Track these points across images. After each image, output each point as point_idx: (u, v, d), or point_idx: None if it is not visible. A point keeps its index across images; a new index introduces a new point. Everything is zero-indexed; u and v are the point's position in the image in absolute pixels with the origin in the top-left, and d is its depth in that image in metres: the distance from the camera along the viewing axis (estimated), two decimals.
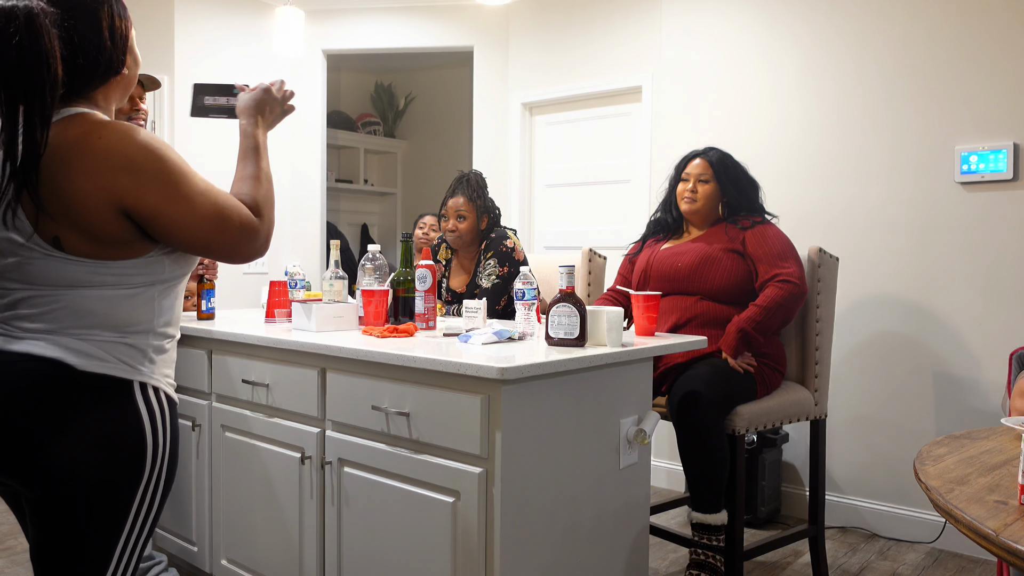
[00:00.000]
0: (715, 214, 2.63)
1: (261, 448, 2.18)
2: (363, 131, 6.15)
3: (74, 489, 1.26)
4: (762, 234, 2.48)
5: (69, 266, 1.26)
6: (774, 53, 3.53)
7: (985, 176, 2.98)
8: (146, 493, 1.34)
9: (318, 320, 2.18)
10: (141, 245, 1.29)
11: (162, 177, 1.25)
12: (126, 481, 1.30)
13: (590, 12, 4.17)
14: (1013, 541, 1.03)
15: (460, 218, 2.98)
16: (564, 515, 1.80)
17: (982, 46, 3.01)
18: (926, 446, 1.56)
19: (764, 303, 2.35)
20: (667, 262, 2.56)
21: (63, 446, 1.25)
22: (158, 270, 1.33)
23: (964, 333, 3.06)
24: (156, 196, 1.24)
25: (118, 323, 1.30)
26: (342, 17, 4.68)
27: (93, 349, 1.28)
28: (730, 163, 2.64)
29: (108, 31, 1.31)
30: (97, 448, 1.26)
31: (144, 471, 1.32)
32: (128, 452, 1.30)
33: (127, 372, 1.31)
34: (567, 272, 1.96)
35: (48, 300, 1.28)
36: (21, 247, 1.25)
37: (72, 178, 1.21)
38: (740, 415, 2.32)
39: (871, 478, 3.27)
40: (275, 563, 2.16)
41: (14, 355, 1.27)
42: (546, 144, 4.44)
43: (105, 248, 1.26)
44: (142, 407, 1.32)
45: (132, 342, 1.32)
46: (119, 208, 1.23)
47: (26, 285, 1.28)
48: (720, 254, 2.48)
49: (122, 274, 1.29)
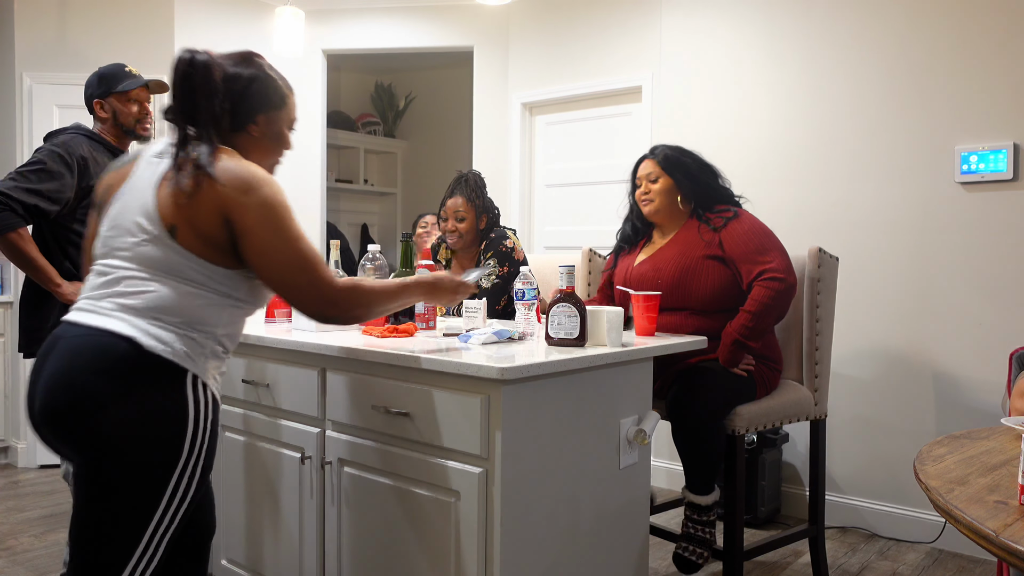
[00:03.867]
0: (678, 210, 2.51)
1: (261, 448, 2.18)
2: (363, 131, 6.15)
3: (115, 457, 1.40)
4: (737, 231, 2.38)
5: (174, 256, 1.46)
6: (774, 53, 3.53)
7: (985, 176, 2.98)
8: (180, 479, 1.47)
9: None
10: (235, 258, 1.50)
11: (267, 207, 1.47)
12: (163, 461, 1.44)
13: (590, 12, 4.17)
14: (1013, 541, 1.03)
15: (459, 219, 2.98)
16: (564, 515, 1.80)
17: (982, 47, 3.01)
18: (926, 446, 1.56)
19: (753, 308, 2.28)
20: (647, 278, 2.45)
21: (116, 413, 1.40)
22: (237, 287, 1.53)
23: (964, 333, 3.06)
24: (256, 218, 1.46)
25: (192, 320, 1.49)
26: (342, 17, 4.68)
27: (164, 335, 1.46)
28: (677, 155, 2.52)
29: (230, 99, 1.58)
30: (143, 421, 1.42)
31: (181, 455, 1.46)
32: (169, 432, 1.44)
33: (185, 362, 1.47)
34: (567, 272, 1.96)
35: (145, 284, 1.47)
36: (143, 230, 1.47)
37: (206, 184, 1.45)
38: (740, 415, 2.32)
39: (871, 478, 3.27)
40: (275, 563, 2.16)
41: (95, 329, 1.44)
42: (546, 144, 4.44)
43: (209, 249, 1.47)
44: (190, 396, 1.47)
45: (198, 339, 1.49)
46: (224, 216, 1.46)
47: (134, 266, 1.48)
48: (699, 263, 2.39)
49: (210, 278, 1.49)
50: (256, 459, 2.20)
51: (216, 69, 1.54)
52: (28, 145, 4.11)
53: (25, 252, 2.37)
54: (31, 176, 2.35)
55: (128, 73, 2.58)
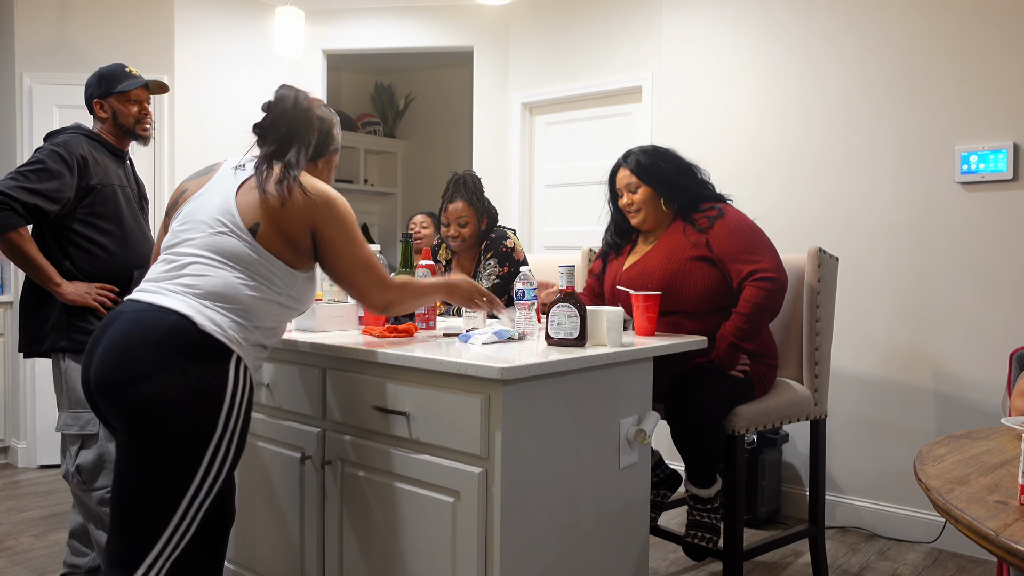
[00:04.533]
0: (663, 212, 2.47)
1: (261, 448, 2.18)
2: (363, 131, 6.15)
3: (155, 424, 1.53)
4: (723, 231, 2.33)
5: (247, 251, 1.66)
6: (774, 53, 3.53)
7: (985, 176, 2.98)
8: (217, 451, 1.60)
9: (318, 320, 2.18)
10: (304, 262, 1.74)
11: (344, 221, 1.74)
12: (201, 429, 1.57)
13: (590, 12, 4.17)
14: (1013, 541, 1.03)
15: (462, 224, 2.96)
16: (564, 515, 1.80)
17: (982, 46, 3.01)
18: (926, 446, 1.56)
19: (746, 309, 2.25)
20: (636, 284, 2.41)
21: (160, 382, 1.53)
22: (292, 286, 1.73)
23: (964, 333, 3.06)
24: (337, 230, 1.73)
25: (245, 309, 1.65)
26: (342, 17, 4.68)
27: (218, 318, 1.61)
28: (650, 161, 2.46)
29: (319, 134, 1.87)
30: (185, 390, 1.55)
31: (218, 426, 1.59)
32: (208, 403, 1.57)
33: (233, 345, 1.63)
34: (567, 272, 1.96)
35: (210, 269, 1.64)
36: (222, 224, 1.67)
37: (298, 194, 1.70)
38: (740, 415, 2.31)
39: (871, 478, 3.27)
40: (275, 563, 2.16)
41: (154, 307, 1.60)
42: (546, 144, 4.44)
43: (287, 249, 1.69)
44: (231, 374, 1.62)
45: (247, 327, 1.66)
46: (311, 225, 1.71)
47: (204, 253, 1.65)
48: (687, 265, 2.35)
49: (274, 274, 1.69)
50: (256, 459, 2.20)
51: (314, 110, 1.85)
52: (28, 145, 4.11)
53: (25, 252, 2.37)
54: (31, 176, 2.35)
55: (128, 73, 2.58)
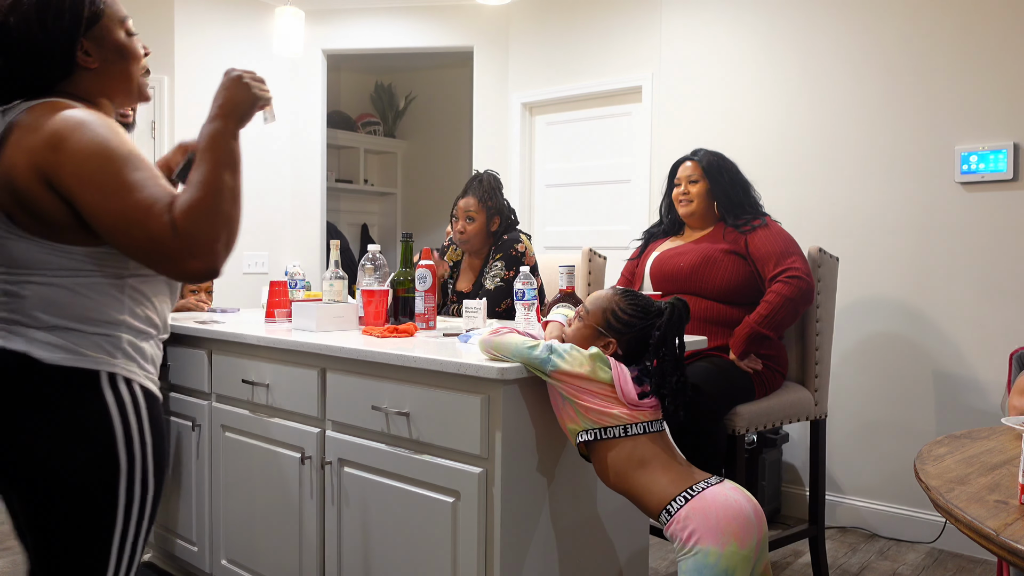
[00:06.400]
0: (712, 213, 2.62)
1: (261, 448, 2.18)
2: (363, 131, 6.14)
3: (51, 495, 1.23)
4: (763, 235, 2.49)
5: (27, 244, 1.24)
6: (774, 53, 3.53)
7: (985, 176, 2.98)
8: (132, 491, 1.28)
9: (318, 320, 2.18)
10: (89, 233, 1.23)
11: (83, 159, 1.18)
12: (101, 481, 1.25)
13: (590, 12, 4.17)
14: (1013, 541, 1.03)
15: (469, 219, 2.92)
16: (564, 515, 1.80)
17: (982, 46, 3.01)
18: (926, 446, 1.56)
19: (773, 299, 2.35)
20: (669, 262, 2.56)
21: (33, 445, 1.22)
22: (121, 263, 1.28)
23: (964, 333, 3.05)
24: (73, 178, 1.18)
25: (85, 315, 1.26)
26: (342, 17, 4.68)
27: (60, 341, 1.25)
28: (717, 162, 2.64)
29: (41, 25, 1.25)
30: (66, 445, 1.23)
31: (120, 468, 1.26)
32: (97, 447, 1.24)
33: (93, 363, 1.26)
34: (567, 272, 1.96)
35: (15, 286, 1.26)
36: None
37: (10, 152, 1.22)
38: (740, 415, 2.31)
39: (871, 478, 3.27)
40: (275, 563, 2.16)
41: None
42: (546, 144, 4.44)
43: (53, 230, 1.23)
44: (109, 398, 1.26)
45: (103, 334, 1.28)
46: (45, 181, 1.19)
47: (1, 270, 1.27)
48: (721, 255, 2.48)
49: (81, 261, 1.25)
50: (256, 459, 2.20)
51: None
52: None
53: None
54: None
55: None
